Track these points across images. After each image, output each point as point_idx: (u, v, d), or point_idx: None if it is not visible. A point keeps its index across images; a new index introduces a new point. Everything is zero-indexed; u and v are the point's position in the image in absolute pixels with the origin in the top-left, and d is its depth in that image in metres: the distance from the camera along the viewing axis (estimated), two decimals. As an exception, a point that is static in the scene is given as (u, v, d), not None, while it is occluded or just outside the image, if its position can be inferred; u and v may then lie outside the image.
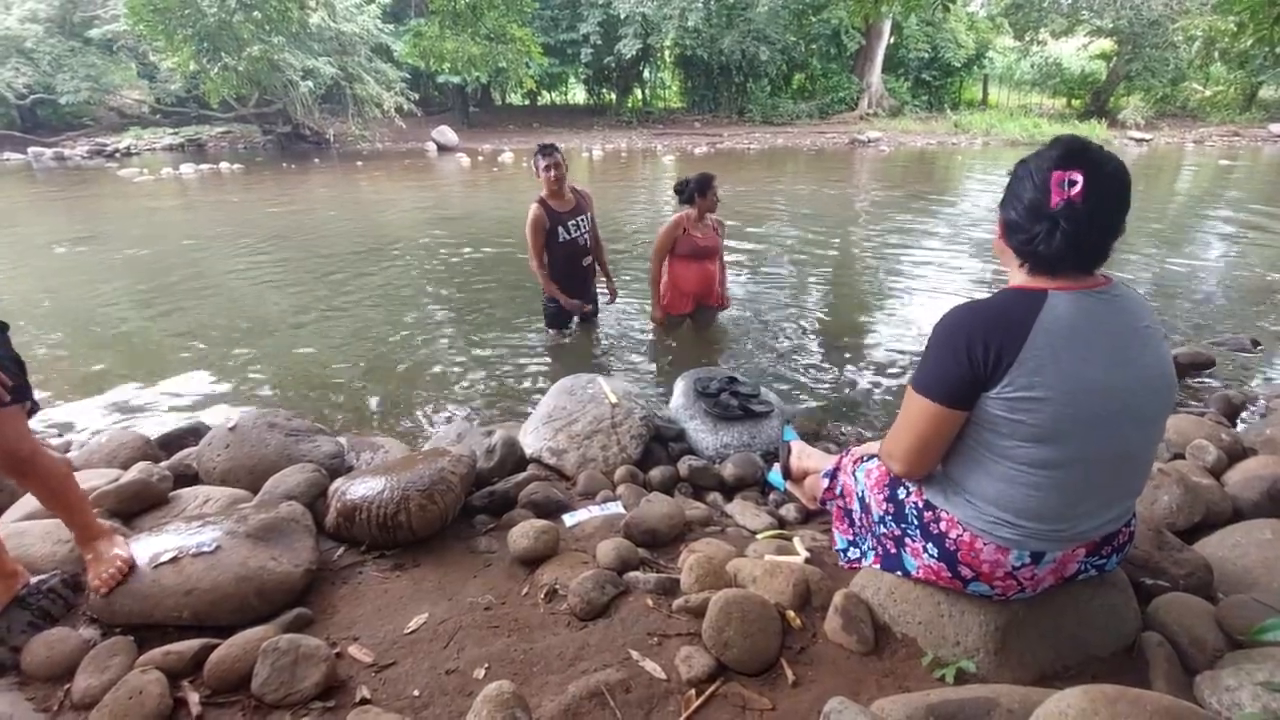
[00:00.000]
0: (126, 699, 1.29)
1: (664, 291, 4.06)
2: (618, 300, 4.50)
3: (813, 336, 4.50)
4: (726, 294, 4.25)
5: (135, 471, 2.06)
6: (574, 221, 3.83)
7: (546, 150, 3.72)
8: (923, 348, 1.30)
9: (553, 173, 3.69)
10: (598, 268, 4.20)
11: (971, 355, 1.18)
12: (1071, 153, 1.16)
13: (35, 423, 3.39)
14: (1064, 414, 1.17)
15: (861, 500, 1.59)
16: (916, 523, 1.40)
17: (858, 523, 1.66)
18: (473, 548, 1.95)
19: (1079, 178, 1.13)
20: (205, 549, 1.62)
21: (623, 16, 20.18)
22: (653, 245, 3.99)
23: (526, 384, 3.82)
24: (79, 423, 3.43)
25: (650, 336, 4.40)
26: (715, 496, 2.50)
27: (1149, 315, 1.25)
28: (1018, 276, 1.27)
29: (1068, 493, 1.24)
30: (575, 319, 4.25)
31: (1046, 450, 1.20)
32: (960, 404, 1.23)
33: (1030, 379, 1.16)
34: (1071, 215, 1.15)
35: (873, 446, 1.77)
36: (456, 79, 19.12)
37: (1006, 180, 1.28)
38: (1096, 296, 1.20)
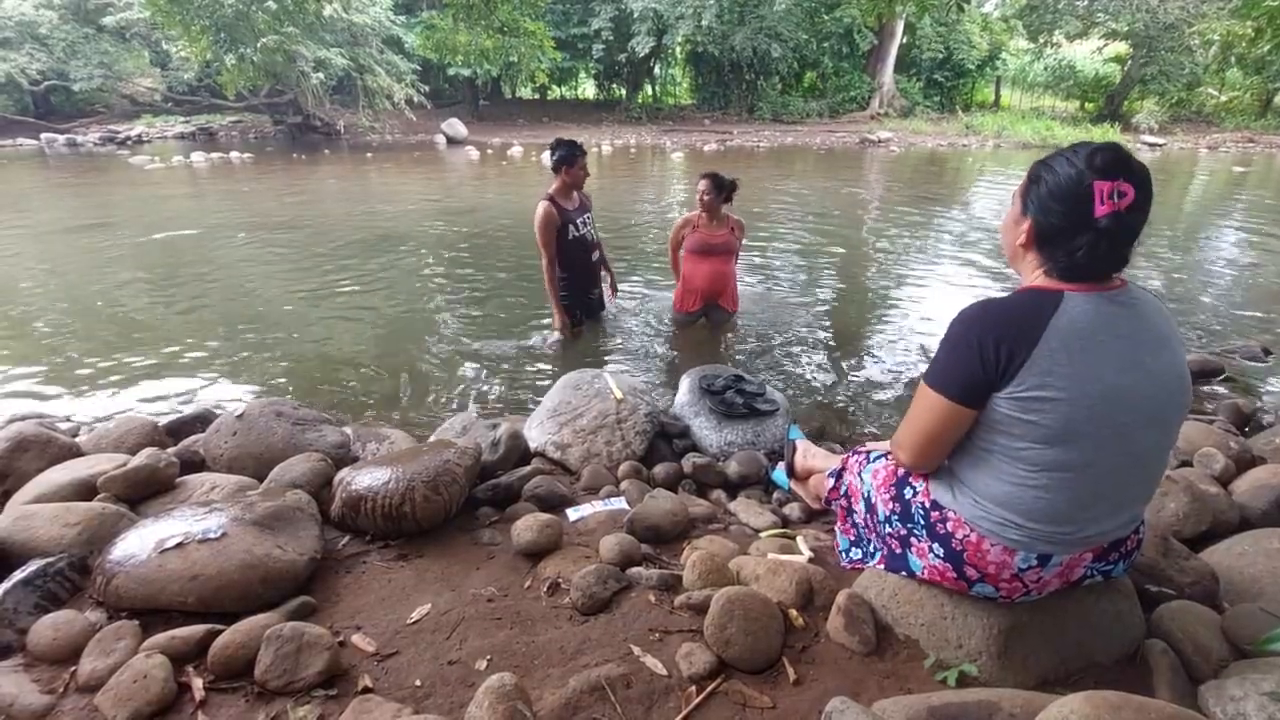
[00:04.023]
0: (131, 683, 1.30)
1: (676, 288, 4.18)
2: (622, 298, 4.50)
3: (819, 335, 4.49)
4: (736, 297, 4.26)
5: (143, 457, 2.07)
6: (581, 219, 3.85)
7: (581, 148, 3.74)
8: (930, 349, 1.30)
9: (583, 172, 3.74)
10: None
11: (984, 353, 1.18)
12: (1117, 162, 1.13)
13: (45, 407, 3.43)
14: (1076, 415, 1.16)
15: (867, 500, 1.58)
16: (923, 522, 1.40)
17: (861, 524, 1.65)
18: (476, 540, 1.96)
19: (1129, 189, 1.12)
20: (211, 535, 1.62)
21: (635, 14, 20.13)
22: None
23: (532, 378, 3.83)
24: (87, 408, 3.46)
25: (657, 333, 4.40)
26: (719, 494, 2.50)
27: (1165, 318, 1.24)
28: (1035, 278, 1.26)
29: (1077, 496, 1.23)
30: (582, 315, 4.24)
31: (1057, 452, 1.19)
32: (971, 401, 1.23)
33: (1042, 379, 1.15)
34: (1116, 226, 1.14)
35: (883, 445, 1.77)
36: (467, 72, 19.15)
37: (1025, 184, 1.26)
38: (1112, 298, 1.19)
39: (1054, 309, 1.17)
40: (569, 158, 3.69)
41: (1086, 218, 1.14)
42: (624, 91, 25.07)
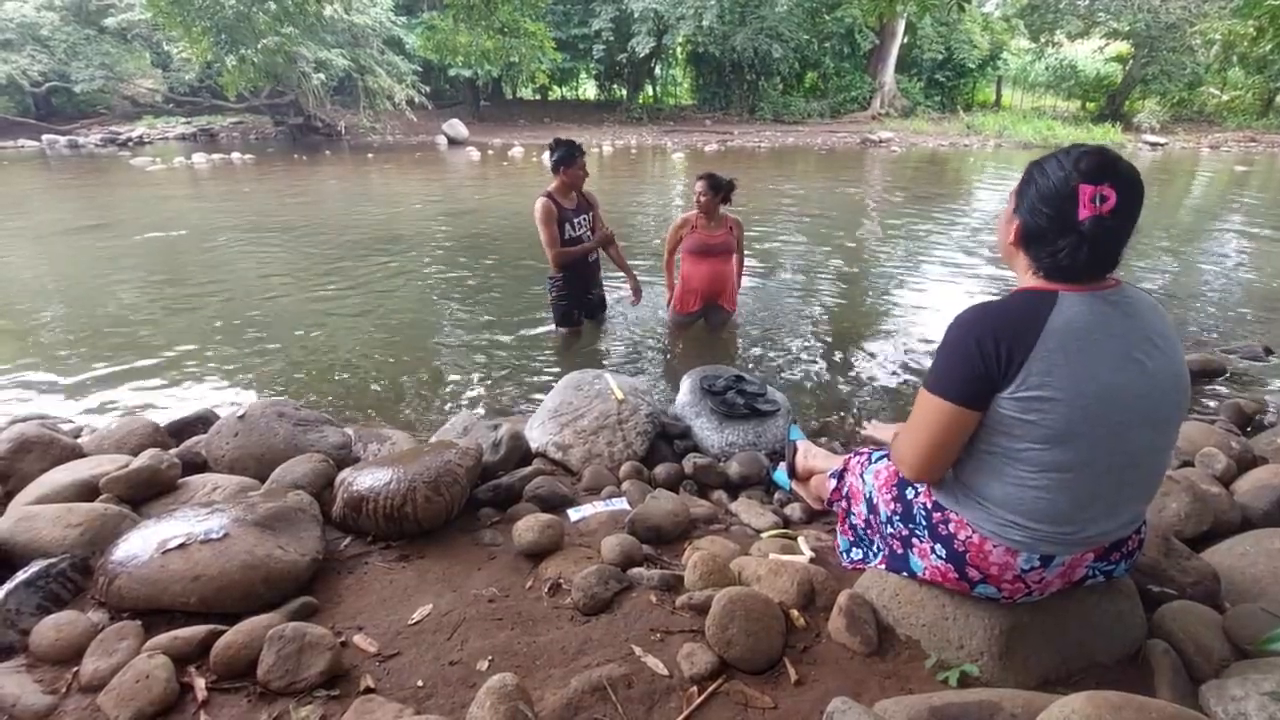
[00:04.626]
0: (134, 683, 1.30)
1: (675, 289, 4.14)
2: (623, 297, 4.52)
3: (820, 336, 4.49)
4: (735, 298, 4.24)
5: (145, 458, 2.07)
6: (579, 219, 3.87)
7: (579, 148, 3.76)
8: (931, 349, 1.30)
9: (581, 171, 3.76)
10: (617, 267, 4.25)
11: (984, 354, 1.18)
12: (1102, 166, 1.14)
13: (47, 408, 3.43)
14: (1074, 415, 1.17)
15: (869, 501, 1.58)
16: (925, 523, 1.40)
17: (863, 524, 1.65)
18: (478, 540, 1.96)
19: (1111, 194, 1.12)
20: (213, 536, 1.63)
21: (636, 14, 20.14)
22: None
23: (533, 379, 3.83)
24: (90, 409, 3.46)
25: (658, 334, 4.40)
26: (720, 494, 2.50)
27: (1160, 318, 1.24)
28: (1029, 279, 1.26)
29: (1077, 496, 1.23)
30: (583, 316, 4.25)
31: (1057, 452, 1.19)
32: (974, 404, 1.22)
33: (1041, 379, 1.15)
34: (1099, 229, 1.14)
35: (885, 430, 1.77)
36: (468, 72, 19.18)
37: (1019, 184, 1.26)
38: (1106, 298, 1.20)
39: (1050, 310, 1.17)
40: (568, 158, 3.70)
41: (1070, 220, 1.15)
42: (625, 92, 25.09)
